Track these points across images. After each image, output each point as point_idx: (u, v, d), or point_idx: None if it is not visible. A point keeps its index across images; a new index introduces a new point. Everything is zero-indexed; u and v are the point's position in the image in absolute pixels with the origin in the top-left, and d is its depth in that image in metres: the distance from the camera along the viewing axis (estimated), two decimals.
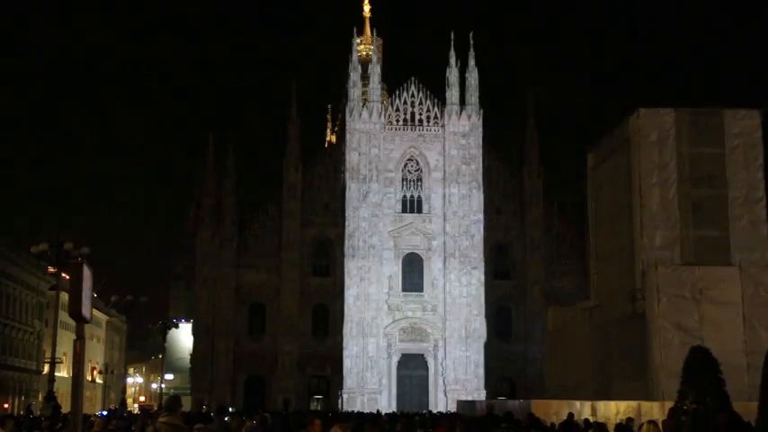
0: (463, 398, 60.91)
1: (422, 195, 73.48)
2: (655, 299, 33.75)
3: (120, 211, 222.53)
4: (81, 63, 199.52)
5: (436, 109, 74.01)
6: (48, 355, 59.39)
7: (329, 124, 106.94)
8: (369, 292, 70.45)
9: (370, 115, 72.93)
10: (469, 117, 73.12)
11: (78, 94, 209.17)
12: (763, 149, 36.56)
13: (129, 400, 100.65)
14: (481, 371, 70.01)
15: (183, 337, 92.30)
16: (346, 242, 71.43)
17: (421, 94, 74.45)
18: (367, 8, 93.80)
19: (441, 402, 67.21)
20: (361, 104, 73.57)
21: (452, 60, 74.19)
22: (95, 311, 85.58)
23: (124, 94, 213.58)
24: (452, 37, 74.26)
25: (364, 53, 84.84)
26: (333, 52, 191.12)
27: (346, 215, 71.93)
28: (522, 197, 79.45)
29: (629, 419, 24.23)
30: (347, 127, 73.84)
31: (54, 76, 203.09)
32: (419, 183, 73.73)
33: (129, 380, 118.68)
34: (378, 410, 50.03)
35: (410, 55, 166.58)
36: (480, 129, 73.16)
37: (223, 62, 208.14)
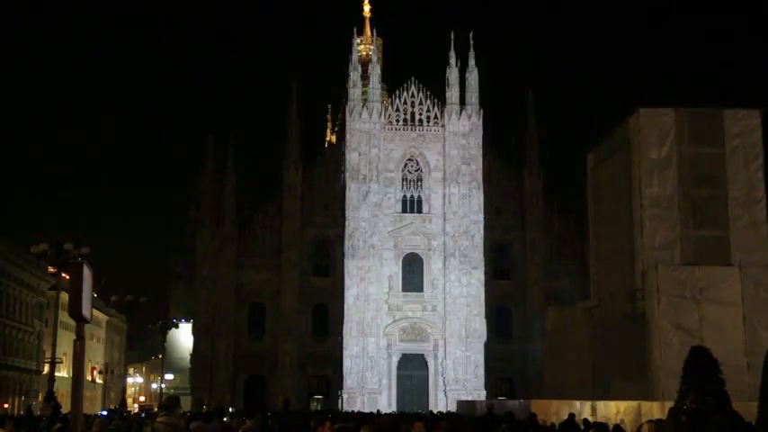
0: (463, 398, 60.98)
1: (422, 195, 73.48)
2: (655, 299, 33.69)
3: (120, 210, 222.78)
4: (81, 62, 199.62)
5: (436, 109, 74.04)
6: (48, 355, 59.46)
7: (329, 124, 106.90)
8: (369, 292, 70.47)
9: (370, 115, 72.94)
10: (469, 117, 73.15)
11: (78, 94, 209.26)
12: (763, 149, 36.44)
13: (129, 400, 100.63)
14: (481, 371, 70.03)
15: (182, 337, 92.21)
16: (346, 242, 71.43)
17: (421, 94, 74.50)
18: (367, 8, 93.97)
19: (441, 402, 67.23)
20: (361, 104, 73.56)
21: (452, 60, 74.23)
22: (95, 311, 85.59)
23: (124, 94, 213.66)
24: (452, 37, 74.39)
25: (364, 53, 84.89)
26: (333, 52, 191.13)
27: (346, 215, 71.94)
28: (522, 197, 79.41)
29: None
30: (347, 127, 73.86)
31: (54, 75, 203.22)
32: (419, 183, 73.74)
33: (129, 380, 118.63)
34: (378, 410, 50.05)
35: (410, 55, 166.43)
36: (480, 129, 73.20)
37: (223, 62, 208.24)
